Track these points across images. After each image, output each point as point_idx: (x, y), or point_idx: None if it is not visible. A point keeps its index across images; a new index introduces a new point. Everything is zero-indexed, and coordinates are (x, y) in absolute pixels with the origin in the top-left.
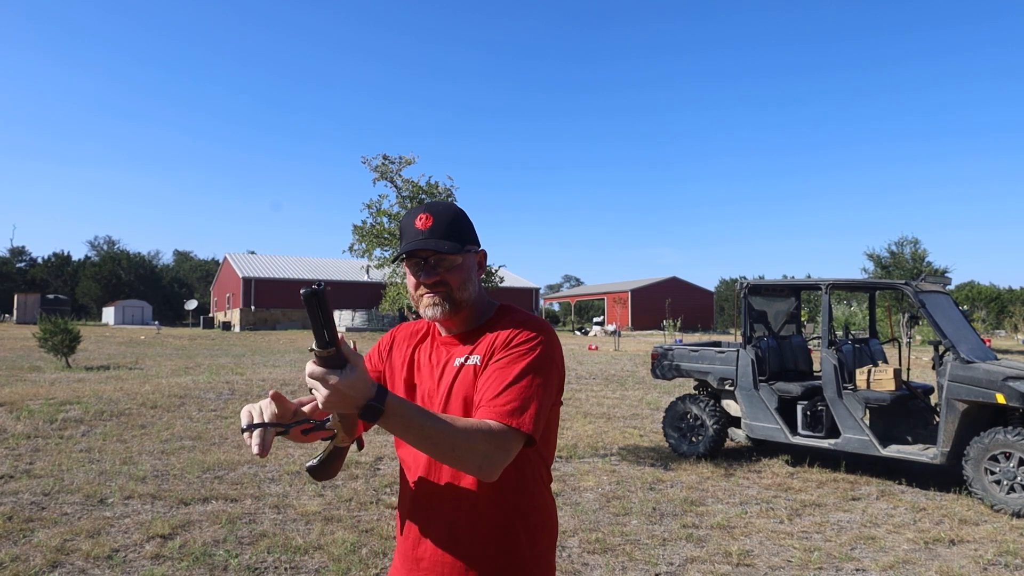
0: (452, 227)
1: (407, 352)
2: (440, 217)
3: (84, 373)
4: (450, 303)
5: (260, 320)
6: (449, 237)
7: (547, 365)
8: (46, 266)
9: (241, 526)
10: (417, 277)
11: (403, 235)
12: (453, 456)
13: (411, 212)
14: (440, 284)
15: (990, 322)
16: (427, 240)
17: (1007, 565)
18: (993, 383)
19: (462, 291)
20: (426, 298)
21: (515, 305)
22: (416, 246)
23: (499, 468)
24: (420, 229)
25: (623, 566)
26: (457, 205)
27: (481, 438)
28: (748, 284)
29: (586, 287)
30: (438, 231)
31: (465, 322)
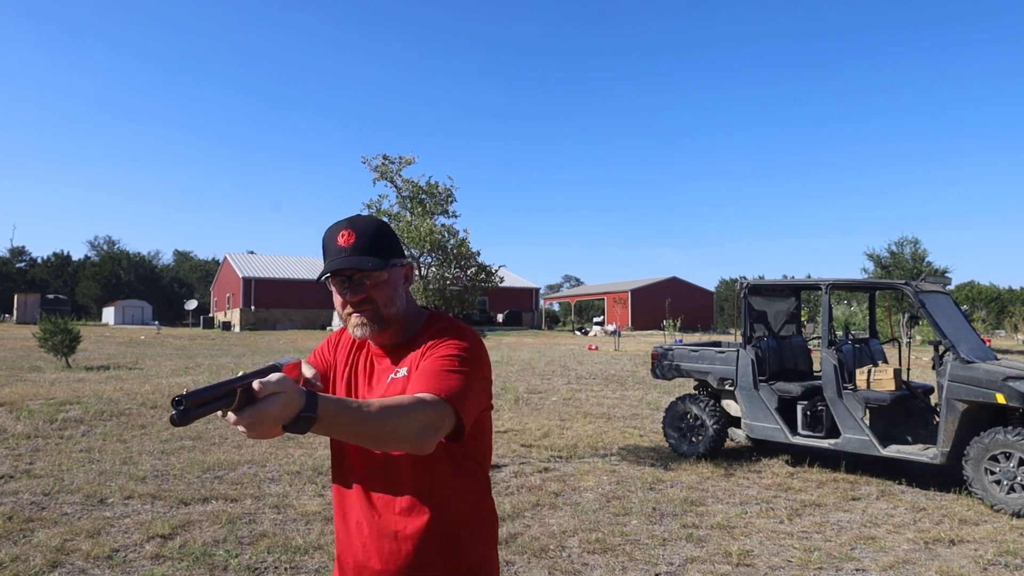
0: (375, 242)
1: (349, 355)
2: (362, 232)
3: (84, 373)
4: (378, 321)
5: (260, 320)
6: (372, 253)
7: (475, 362)
8: (46, 266)
9: (241, 526)
10: (343, 295)
11: (325, 252)
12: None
13: (332, 228)
14: (366, 302)
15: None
16: (350, 258)
17: (1007, 565)
18: (993, 383)
19: (389, 307)
20: (353, 317)
21: (443, 313)
22: (339, 265)
23: (434, 439)
24: (343, 246)
25: (623, 566)
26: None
27: (418, 408)
28: (748, 284)
29: (586, 287)
30: (361, 247)
31: (395, 335)
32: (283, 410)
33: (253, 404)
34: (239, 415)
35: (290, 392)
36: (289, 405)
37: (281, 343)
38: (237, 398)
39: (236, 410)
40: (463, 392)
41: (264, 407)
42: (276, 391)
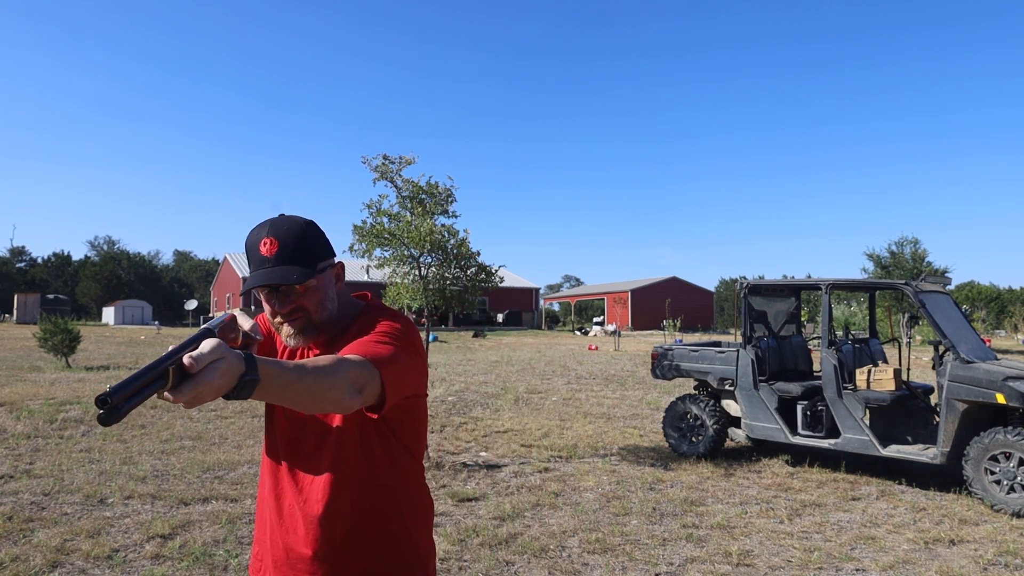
0: (299, 248)
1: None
2: (285, 239)
3: (84, 373)
4: (310, 329)
5: None
6: (297, 260)
7: (407, 342)
8: (46, 266)
9: (241, 526)
10: (272, 306)
11: (249, 259)
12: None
13: (254, 234)
14: (296, 311)
15: (990, 322)
16: (273, 270)
17: (1007, 565)
18: (993, 383)
19: (320, 312)
20: (285, 327)
21: (380, 303)
22: (262, 280)
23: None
24: (265, 256)
25: (623, 566)
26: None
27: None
28: (748, 284)
29: (586, 287)
30: (285, 256)
31: (329, 333)
32: (224, 377)
33: (191, 378)
34: (177, 394)
35: (229, 358)
36: (230, 371)
37: None
38: (171, 378)
39: (172, 389)
40: (390, 360)
41: (204, 378)
42: (214, 358)
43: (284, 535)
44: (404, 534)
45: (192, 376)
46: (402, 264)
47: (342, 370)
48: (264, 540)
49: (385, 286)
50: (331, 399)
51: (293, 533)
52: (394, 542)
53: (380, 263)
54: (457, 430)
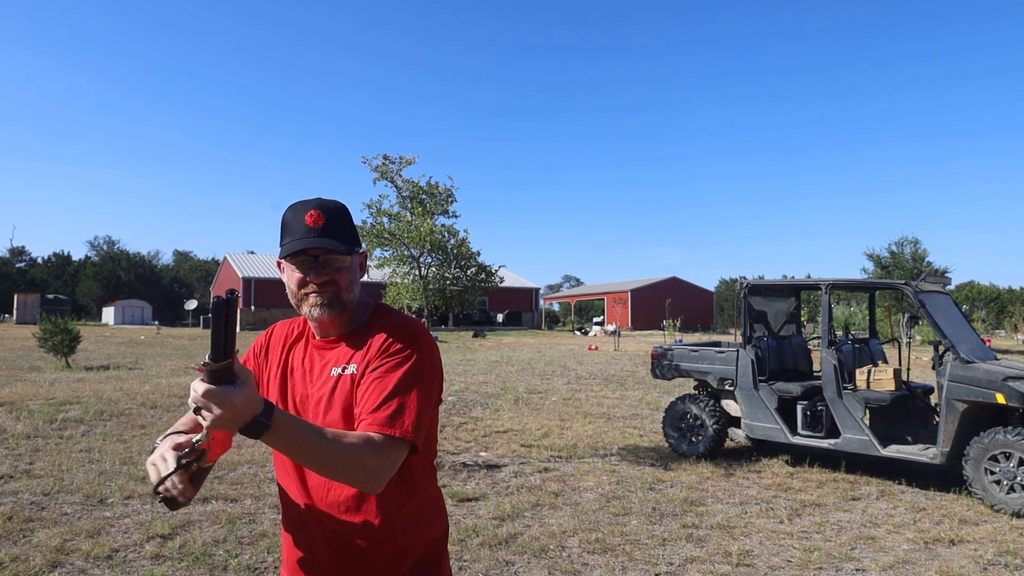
0: (343, 225)
1: (281, 354)
2: (331, 215)
3: (84, 373)
4: (337, 304)
5: (260, 320)
6: (340, 237)
7: (424, 371)
8: (46, 266)
9: (241, 526)
10: (305, 275)
11: (288, 231)
12: (339, 472)
13: (298, 208)
14: (329, 284)
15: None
16: (320, 239)
17: (1007, 565)
18: (993, 383)
19: (349, 292)
20: (312, 297)
21: (390, 306)
22: (310, 244)
23: (384, 480)
24: (312, 226)
25: (623, 566)
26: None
27: (368, 452)
28: (748, 284)
29: (586, 287)
30: (329, 229)
31: (344, 325)
32: (246, 405)
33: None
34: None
35: (254, 389)
36: (252, 402)
37: None
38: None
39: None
40: (418, 420)
41: (234, 392)
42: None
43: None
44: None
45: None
46: (402, 264)
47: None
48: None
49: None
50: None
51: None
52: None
53: (380, 263)
54: (457, 430)
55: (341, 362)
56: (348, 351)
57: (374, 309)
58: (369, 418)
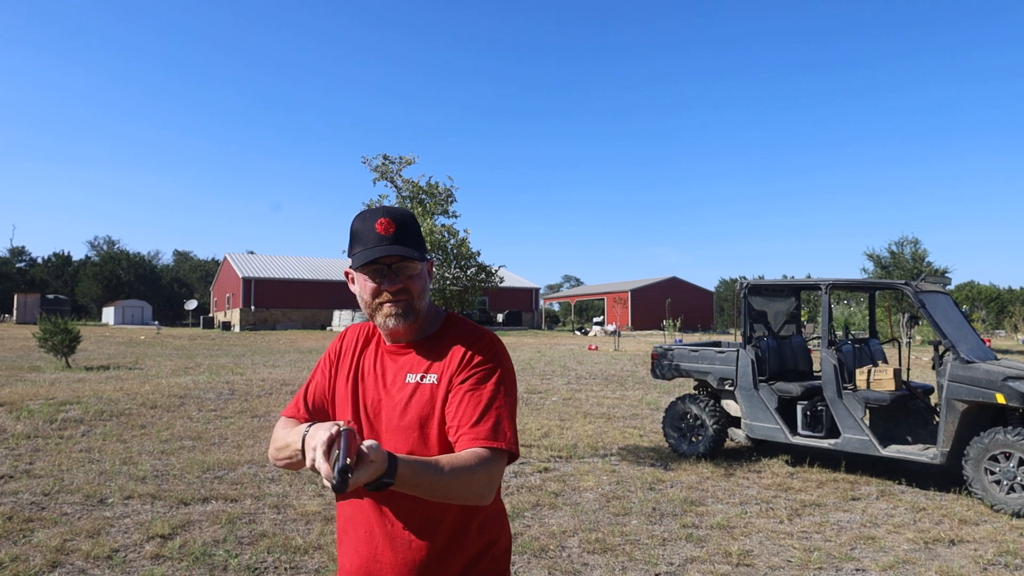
0: (413, 232)
1: (353, 359)
2: (402, 223)
3: (84, 373)
4: (410, 313)
5: (260, 320)
6: (411, 244)
7: (508, 380)
8: (46, 266)
9: (241, 526)
10: (378, 284)
11: (359, 240)
12: (456, 497)
13: (367, 216)
14: (402, 292)
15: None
16: (395, 246)
17: (1007, 565)
18: (993, 383)
19: (421, 299)
20: (387, 307)
21: (461, 316)
22: (386, 252)
23: (494, 491)
24: (383, 235)
25: (623, 566)
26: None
27: (481, 470)
28: (748, 284)
29: (586, 287)
30: (401, 237)
31: (416, 331)
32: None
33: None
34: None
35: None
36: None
37: (281, 343)
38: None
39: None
40: (513, 430)
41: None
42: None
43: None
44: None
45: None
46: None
47: (478, 472)
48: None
49: None
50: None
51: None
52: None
53: None
54: None
55: (418, 369)
56: (424, 358)
57: (446, 317)
58: (471, 432)
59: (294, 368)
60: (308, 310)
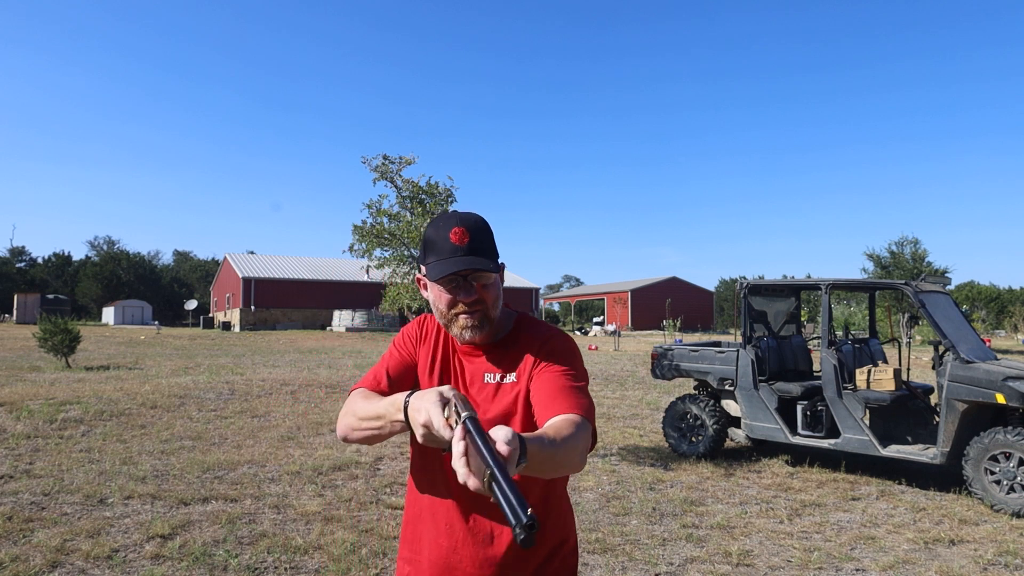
0: (487, 241)
1: (433, 351)
2: (476, 232)
3: (84, 373)
4: (485, 323)
5: (260, 320)
6: (485, 252)
7: (584, 373)
8: (46, 266)
9: (241, 526)
10: (455, 295)
11: (433, 250)
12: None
13: (440, 225)
14: (477, 303)
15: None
16: (467, 257)
17: (1007, 565)
18: (993, 383)
19: (495, 308)
20: (462, 319)
21: (531, 316)
22: (461, 265)
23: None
24: (458, 245)
25: (623, 566)
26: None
27: (579, 433)
28: (748, 284)
29: (586, 287)
30: (476, 247)
31: (490, 336)
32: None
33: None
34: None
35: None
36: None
37: (281, 343)
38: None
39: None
40: (593, 409)
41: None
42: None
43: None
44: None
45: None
46: (402, 264)
47: (580, 438)
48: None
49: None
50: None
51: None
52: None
53: (380, 263)
54: None
55: (496, 370)
56: (501, 359)
57: (518, 318)
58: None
59: (294, 368)
60: (308, 310)
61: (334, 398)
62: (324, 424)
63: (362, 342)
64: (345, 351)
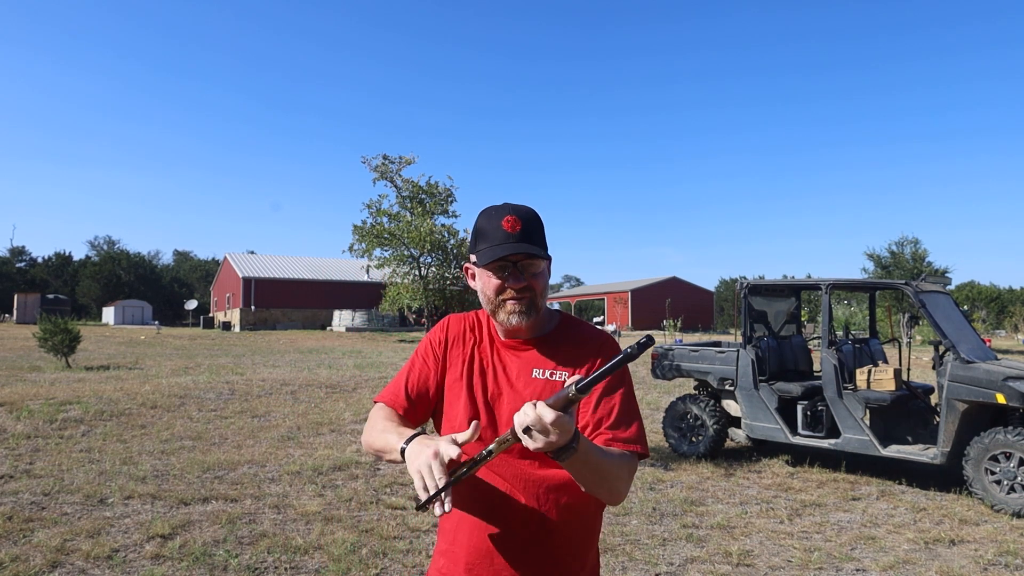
0: (537, 230)
1: (467, 351)
2: (527, 220)
3: (84, 373)
4: (533, 310)
5: (260, 320)
6: (536, 241)
7: (631, 383)
8: (46, 266)
9: (241, 526)
10: (503, 281)
11: (485, 237)
12: (606, 488)
13: (492, 214)
14: (526, 290)
15: (990, 322)
16: (520, 244)
17: (1007, 565)
18: (993, 383)
19: (543, 297)
20: (510, 304)
21: (574, 316)
22: (512, 250)
23: (627, 493)
24: (510, 232)
25: (623, 566)
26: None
27: (626, 467)
28: (748, 284)
29: (586, 287)
30: (527, 234)
31: (534, 328)
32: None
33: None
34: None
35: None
36: (571, 428)
37: (281, 343)
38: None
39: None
40: (644, 433)
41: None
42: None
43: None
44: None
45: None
46: (402, 264)
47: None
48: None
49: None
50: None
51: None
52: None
53: (380, 263)
54: None
55: (545, 366)
56: (549, 356)
57: (561, 317)
58: (610, 434)
59: (294, 368)
60: (308, 310)
61: (334, 398)
62: (324, 424)
63: (362, 342)
64: (345, 351)
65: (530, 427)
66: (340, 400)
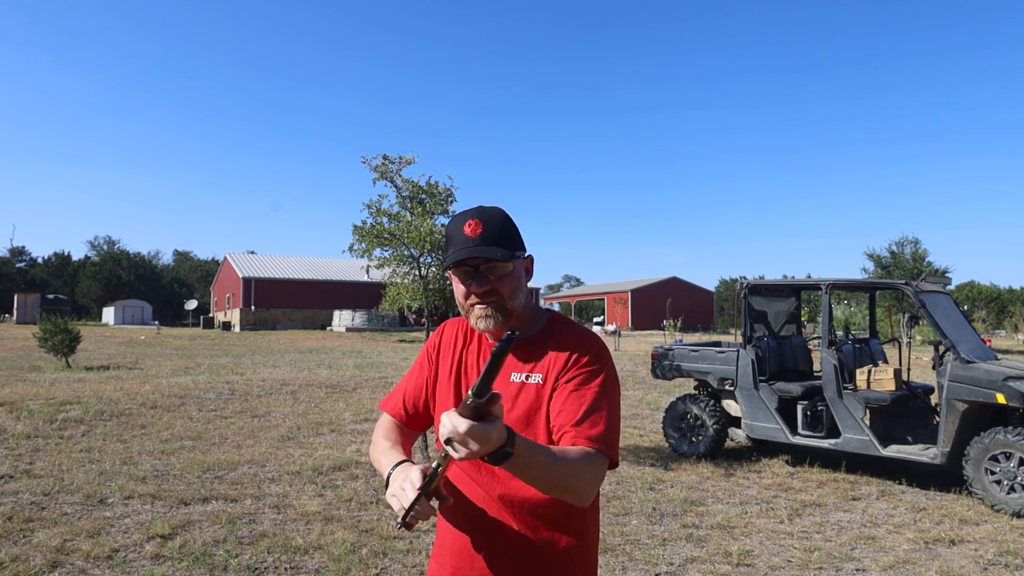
0: (502, 233)
1: (455, 355)
2: (489, 222)
3: (84, 373)
4: (502, 313)
5: (260, 320)
6: (499, 243)
7: (612, 384)
8: (46, 266)
9: (241, 526)
10: (467, 286)
11: (450, 242)
12: (561, 488)
13: (458, 218)
14: (491, 293)
15: (990, 322)
16: (478, 247)
17: (1007, 565)
18: (993, 383)
19: (512, 300)
20: (477, 309)
21: (566, 317)
22: (468, 254)
23: (593, 494)
24: (470, 236)
25: (623, 566)
26: (504, 210)
27: (586, 467)
28: (748, 284)
29: (586, 287)
30: (488, 237)
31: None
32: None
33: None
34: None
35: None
36: (501, 434)
37: (281, 343)
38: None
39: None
40: (616, 435)
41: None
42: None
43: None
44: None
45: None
46: (402, 264)
47: (588, 469)
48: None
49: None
50: (571, 492)
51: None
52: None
53: (380, 263)
54: None
55: (522, 369)
56: (528, 358)
57: (550, 318)
58: (574, 431)
59: (294, 368)
60: (308, 310)
61: (334, 398)
62: (324, 424)
63: (362, 342)
64: (345, 351)
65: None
66: (340, 400)
